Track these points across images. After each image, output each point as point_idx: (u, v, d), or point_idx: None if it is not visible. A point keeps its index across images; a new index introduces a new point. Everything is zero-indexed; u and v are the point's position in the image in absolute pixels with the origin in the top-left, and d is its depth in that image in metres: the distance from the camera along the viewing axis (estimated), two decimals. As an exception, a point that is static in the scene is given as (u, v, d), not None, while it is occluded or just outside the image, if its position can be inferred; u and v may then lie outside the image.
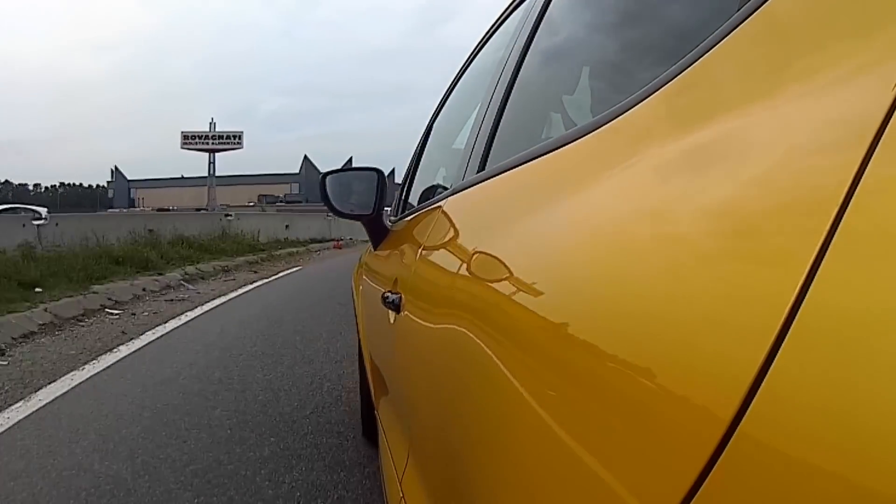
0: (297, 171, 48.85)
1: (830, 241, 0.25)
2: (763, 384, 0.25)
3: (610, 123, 0.54)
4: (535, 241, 0.61)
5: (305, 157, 48.51)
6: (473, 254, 0.76)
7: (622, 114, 0.52)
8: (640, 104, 0.49)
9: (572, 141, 0.61)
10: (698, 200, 0.36)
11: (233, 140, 39.22)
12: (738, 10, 0.40)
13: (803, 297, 0.25)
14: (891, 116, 0.25)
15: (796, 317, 0.25)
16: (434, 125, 2.07)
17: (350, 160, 46.84)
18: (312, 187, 47.20)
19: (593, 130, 0.57)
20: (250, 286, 8.02)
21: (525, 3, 1.12)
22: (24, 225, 11.34)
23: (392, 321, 1.21)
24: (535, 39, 0.97)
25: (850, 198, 0.25)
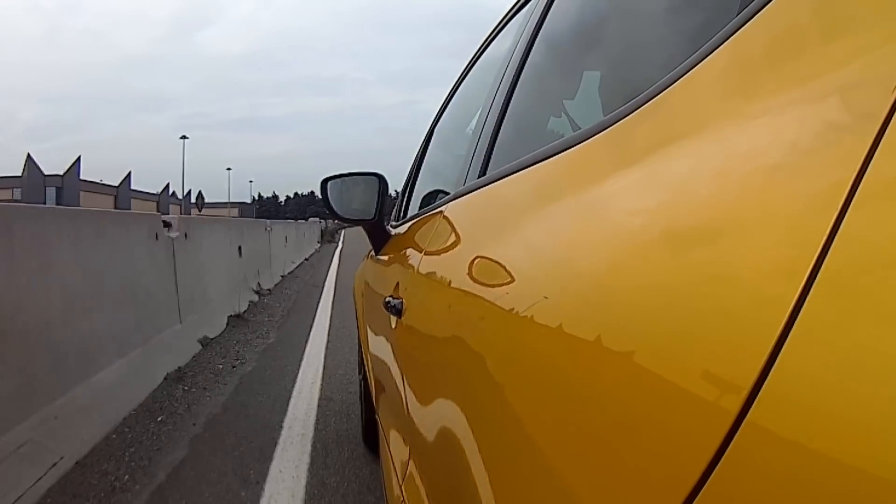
0: (20, 173, 40.85)
1: (832, 240, 0.25)
2: (766, 382, 0.25)
3: (611, 128, 0.54)
4: (536, 245, 0.61)
5: (28, 156, 41.14)
6: (475, 259, 0.76)
7: (623, 118, 0.52)
8: (640, 108, 0.49)
9: (574, 145, 0.61)
10: (701, 202, 0.37)
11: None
12: (738, 14, 0.40)
13: (806, 296, 0.25)
14: (891, 118, 0.25)
15: (799, 315, 0.25)
16: (435, 130, 2.08)
17: (78, 159, 42.16)
18: (35, 191, 39.63)
19: (595, 135, 0.57)
20: None
21: (525, 9, 1.13)
22: None
23: (393, 326, 1.21)
24: (535, 44, 0.97)
25: (852, 198, 0.25)
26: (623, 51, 0.74)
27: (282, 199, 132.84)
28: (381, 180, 1.78)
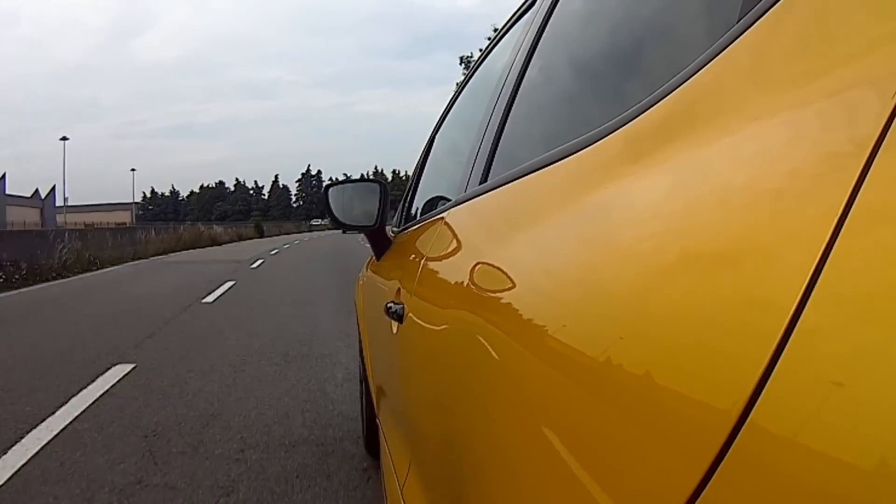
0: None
1: (833, 244, 0.25)
2: (767, 385, 0.25)
3: (612, 134, 0.54)
4: (538, 251, 0.61)
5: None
6: (476, 265, 0.76)
7: (625, 124, 0.52)
8: (642, 114, 0.50)
9: (576, 152, 0.61)
10: (704, 207, 0.37)
11: None
12: (739, 21, 0.41)
13: (807, 299, 0.25)
14: (891, 123, 0.25)
15: (800, 318, 0.25)
16: (437, 136, 2.08)
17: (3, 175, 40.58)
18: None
19: (596, 141, 0.57)
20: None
21: (528, 14, 1.13)
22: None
23: (395, 331, 1.21)
24: (537, 49, 0.97)
25: (853, 202, 0.25)
26: (625, 57, 0.75)
27: (184, 194, 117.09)
28: (383, 187, 1.78)
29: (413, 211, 1.92)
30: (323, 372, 3.95)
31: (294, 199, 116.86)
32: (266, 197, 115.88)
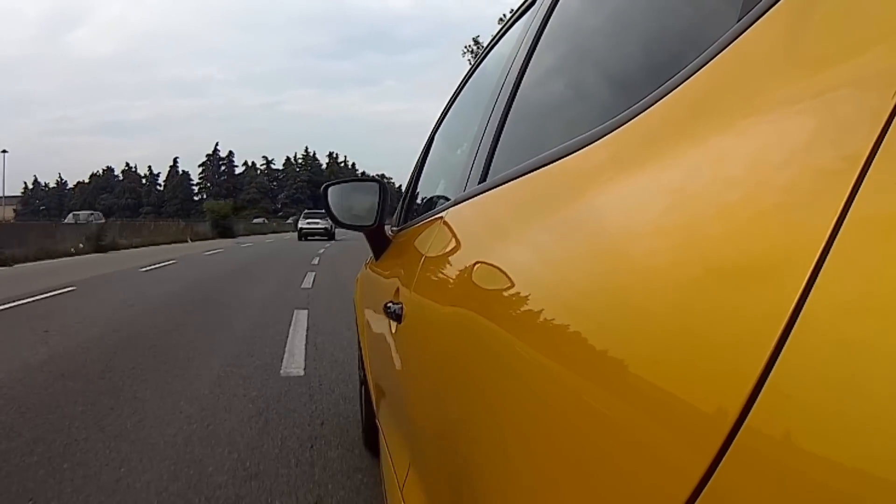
0: None
1: (832, 242, 0.25)
2: (766, 384, 0.25)
3: (612, 133, 0.54)
4: (537, 251, 0.61)
5: None
6: (475, 264, 0.76)
7: (624, 123, 0.52)
8: (642, 114, 0.50)
9: (575, 151, 0.61)
10: (703, 205, 0.37)
11: None
12: (740, 20, 0.40)
13: (806, 298, 0.25)
14: (891, 122, 0.25)
15: (799, 317, 0.25)
16: (436, 135, 2.08)
17: None
18: None
19: (595, 141, 0.57)
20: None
21: (527, 14, 1.13)
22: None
23: (393, 331, 1.21)
24: (537, 48, 0.97)
25: (852, 201, 0.25)
26: (625, 56, 0.75)
27: (71, 184, 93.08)
28: (382, 187, 1.78)
29: (412, 210, 1.92)
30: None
31: (196, 189, 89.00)
32: (162, 187, 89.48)
